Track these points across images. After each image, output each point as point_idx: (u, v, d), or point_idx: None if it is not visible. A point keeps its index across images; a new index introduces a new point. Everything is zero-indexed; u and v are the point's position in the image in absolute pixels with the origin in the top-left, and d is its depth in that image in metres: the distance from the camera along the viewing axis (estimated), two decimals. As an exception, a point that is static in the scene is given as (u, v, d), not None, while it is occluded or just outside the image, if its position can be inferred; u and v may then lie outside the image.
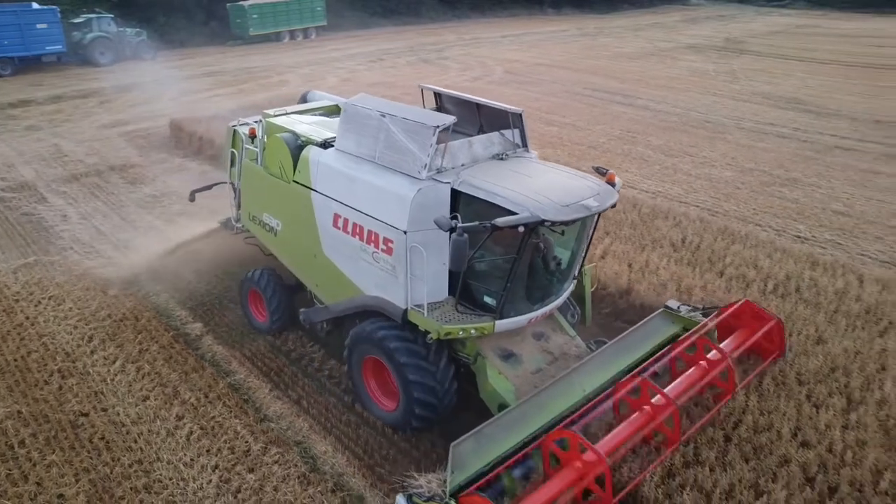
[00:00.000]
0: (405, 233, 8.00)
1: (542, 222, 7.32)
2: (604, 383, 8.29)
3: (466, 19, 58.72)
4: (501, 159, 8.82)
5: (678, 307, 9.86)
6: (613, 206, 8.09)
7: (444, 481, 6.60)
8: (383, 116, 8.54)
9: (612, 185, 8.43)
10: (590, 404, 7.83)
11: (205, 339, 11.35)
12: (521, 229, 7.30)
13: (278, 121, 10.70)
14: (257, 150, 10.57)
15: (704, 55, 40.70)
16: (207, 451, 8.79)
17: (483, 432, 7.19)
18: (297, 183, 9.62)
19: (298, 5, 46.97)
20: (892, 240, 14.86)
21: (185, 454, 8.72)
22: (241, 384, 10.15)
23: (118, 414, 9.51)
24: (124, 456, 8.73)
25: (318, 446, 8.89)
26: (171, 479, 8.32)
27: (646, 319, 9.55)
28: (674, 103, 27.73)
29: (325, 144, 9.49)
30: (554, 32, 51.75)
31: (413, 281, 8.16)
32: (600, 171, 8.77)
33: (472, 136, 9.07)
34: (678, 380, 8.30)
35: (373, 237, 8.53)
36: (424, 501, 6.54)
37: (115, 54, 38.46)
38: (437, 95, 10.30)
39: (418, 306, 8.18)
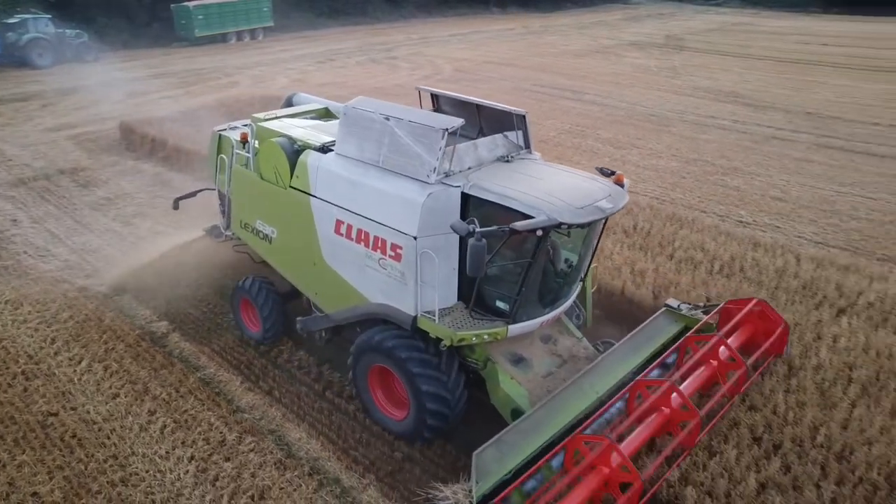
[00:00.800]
0: (415, 238, 7.78)
1: (559, 225, 7.21)
2: (615, 384, 8.26)
3: (414, 19, 58.99)
4: (507, 161, 8.68)
5: (678, 305, 9.91)
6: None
7: (470, 491, 6.49)
8: (387, 119, 8.30)
9: (621, 185, 8.33)
10: (606, 406, 7.74)
11: (171, 336, 11.40)
12: (540, 233, 7.19)
13: (270, 125, 10.35)
14: (249, 155, 10.29)
15: (647, 52, 41.98)
16: (182, 443, 8.91)
17: (503, 439, 7.12)
18: (295, 189, 9.32)
19: (245, 6, 46.46)
20: (825, 223, 15.83)
21: (160, 447, 8.82)
22: (212, 378, 10.27)
23: (88, 412, 9.52)
24: (98, 452, 8.77)
25: (293, 433, 9.12)
26: (147, 472, 8.42)
27: (650, 319, 9.58)
28: (620, 98, 28.64)
29: (324, 149, 9.22)
30: (500, 31, 52.50)
31: (423, 287, 7.96)
32: (605, 173, 8.63)
33: (472, 137, 8.95)
34: (690, 380, 8.26)
35: (379, 243, 8.28)
36: None
37: (55, 56, 37.42)
38: (434, 97, 10.09)
39: (428, 313, 7.99)
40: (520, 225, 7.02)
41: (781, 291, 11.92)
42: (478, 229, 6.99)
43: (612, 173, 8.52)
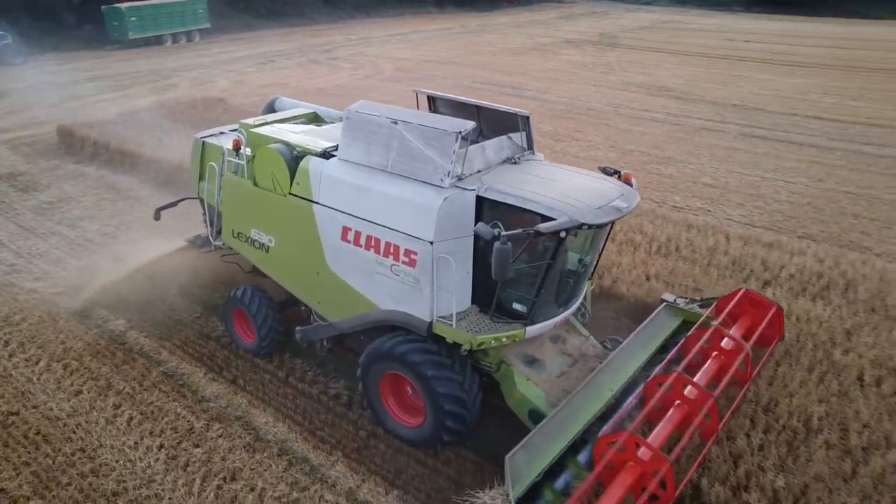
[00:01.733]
0: (432, 243, 7.68)
1: (581, 226, 7.25)
2: (628, 380, 8.38)
3: (352, 20, 59.01)
4: (515, 163, 8.62)
5: (675, 300, 10.07)
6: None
7: (507, 496, 6.53)
8: (395, 123, 8.12)
9: (629, 185, 8.35)
10: (626, 407, 7.77)
11: (130, 333, 11.47)
12: (563, 234, 7.21)
13: (263, 131, 10.00)
14: (242, 162, 9.87)
15: (582, 49, 43.29)
16: (150, 433, 9.09)
17: (531, 442, 7.17)
18: (295, 196, 9.04)
19: (180, 7, 45.68)
20: (751, 205, 16.97)
21: (127, 438, 8.98)
22: (175, 371, 10.44)
23: (51, 409, 9.56)
24: (65, 446, 8.87)
25: (259, 418, 9.41)
26: (117, 462, 8.58)
27: (652, 316, 9.74)
28: (558, 93, 29.60)
29: (326, 154, 8.98)
30: (439, 30, 53.12)
31: (439, 292, 7.89)
32: (608, 172, 8.65)
33: (474, 140, 8.83)
34: (702, 371, 8.38)
35: (391, 249, 8.10)
36: None
37: (-23, 59, 36.06)
38: (431, 99, 9.85)
39: (443, 318, 7.93)
40: (545, 227, 7.03)
41: (713, 268, 12.84)
42: (504, 233, 6.98)
43: (616, 172, 8.57)
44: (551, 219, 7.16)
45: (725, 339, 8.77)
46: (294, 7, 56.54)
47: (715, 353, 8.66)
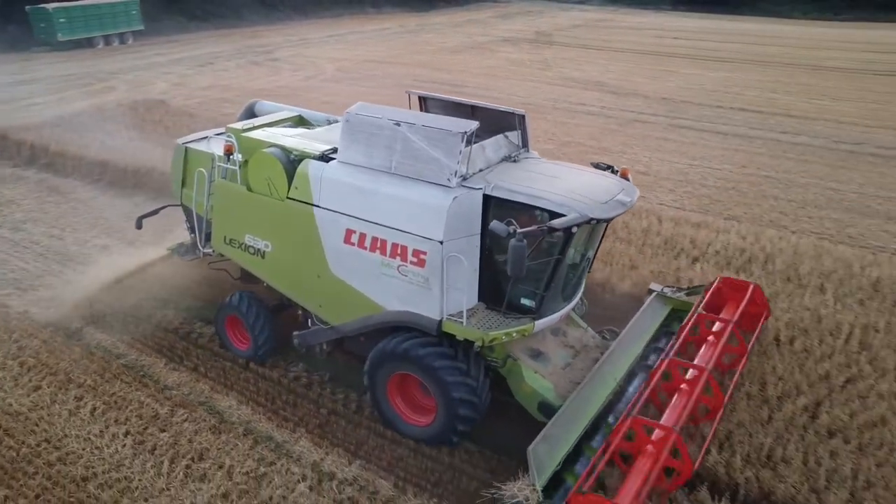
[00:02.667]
0: (441, 243, 7.79)
1: (590, 221, 7.49)
2: (629, 369, 8.82)
3: (290, 21, 58.67)
4: (514, 161, 8.79)
5: (662, 289, 10.52)
6: None
7: (533, 487, 6.78)
8: (398, 125, 8.18)
9: (626, 179, 8.60)
10: (638, 394, 8.08)
11: (86, 329, 11.58)
12: (575, 230, 7.43)
13: (256, 135, 9.89)
14: (235, 168, 9.74)
15: (519, 47, 44.37)
16: (116, 421, 9.33)
17: (549, 434, 7.43)
18: (294, 200, 9.02)
19: (111, 9, 44.59)
20: (681, 191, 18.09)
21: (93, 427, 9.20)
22: (135, 363, 10.66)
23: (10, 405, 9.65)
24: (28, 438, 9.02)
25: (222, 402, 9.77)
26: (84, 450, 8.80)
27: (644, 306, 10.15)
28: (497, 89, 30.43)
29: (325, 157, 8.97)
30: (377, 31, 53.40)
31: (449, 291, 7.99)
32: (599, 167, 8.90)
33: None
34: (699, 355, 8.84)
35: (398, 250, 8.16)
36: None
37: None
38: (423, 100, 9.88)
39: (452, 316, 8.06)
40: (558, 223, 7.21)
41: (647, 247, 13.79)
42: (519, 230, 7.10)
43: (609, 167, 8.83)
44: (560, 215, 7.35)
45: (717, 324, 9.27)
46: (230, 8, 55.85)
47: (710, 336, 9.15)
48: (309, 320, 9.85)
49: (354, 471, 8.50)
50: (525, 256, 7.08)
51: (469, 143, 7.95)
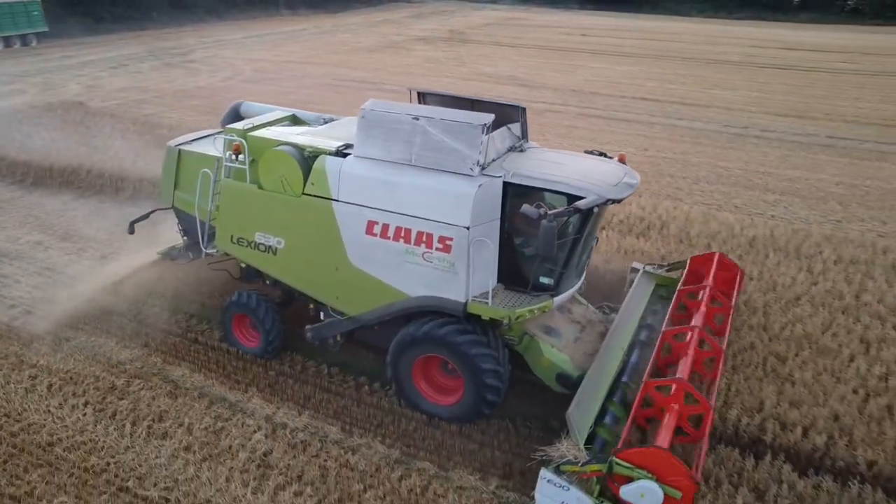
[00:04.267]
0: (468, 228, 8.24)
1: (608, 201, 8.15)
2: (631, 339, 9.44)
3: (203, 23, 57.91)
4: (521, 151, 9.32)
5: (644, 267, 11.25)
6: None
7: (577, 446, 7.27)
8: (416, 119, 8.60)
9: (624, 164, 9.19)
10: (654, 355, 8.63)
11: (25, 318, 11.94)
12: (596, 210, 8.08)
13: (264, 134, 10.10)
14: (245, 167, 9.82)
15: (433, 45, 45.71)
16: (73, 394, 9.89)
17: (580, 400, 8.08)
18: (310, 195, 9.27)
19: (10, 9, 42.89)
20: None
21: (51, 401, 9.74)
22: (85, 344, 11.16)
23: (-37, 389, 10.03)
24: (-14, 416, 9.47)
25: (175, 372, 10.51)
26: (46, 420, 9.35)
27: (634, 283, 10.87)
28: (415, 86, 31.46)
29: (340, 153, 9.27)
30: (293, 31, 53.58)
31: (474, 274, 8.46)
32: (592, 153, 9.58)
33: None
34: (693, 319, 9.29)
35: (423, 238, 8.55)
36: (581, 466, 6.96)
37: None
38: (421, 95, 10.21)
39: (476, 298, 8.54)
40: (582, 203, 7.75)
41: (558, 220, 15.20)
42: (550, 212, 7.56)
43: (601, 154, 9.53)
44: (580, 198, 7.91)
45: (700, 293, 9.96)
46: (139, 10, 54.68)
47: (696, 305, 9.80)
48: (321, 314, 10.19)
49: (305, 420, 9.46)
50: (555, 236, 7.58)
51: (488, 134, 8.49)
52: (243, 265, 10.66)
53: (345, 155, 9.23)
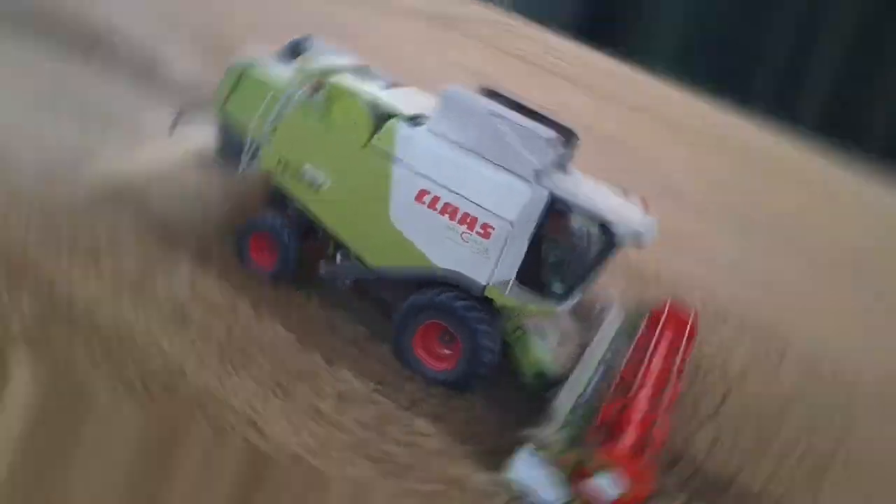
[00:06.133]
0: (512, 224, 8.93)
1: (636, 242, 9.04)
2: (602, 357, 9.89)
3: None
4: (565, 171, 9.94)
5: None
6: None
7: (556, 429, 7.76)
8: (493, 115, 9.20)
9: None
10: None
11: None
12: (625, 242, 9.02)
13: (344, 82, 10.34)
14: (320, 101, 10.09)
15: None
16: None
17: (561, 395, 8.60)
18: (374, 148, 9.66)
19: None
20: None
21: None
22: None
23: None
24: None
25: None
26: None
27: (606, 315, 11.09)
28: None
29: (414, 121, 9.74)
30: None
31: (502, 263, 9.09)
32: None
33: None
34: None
35: (468, 219, 9.11)
36: (559, 452, 7.39)
37: None
38: (487, 91, 10.50)
39: (496, 284, 9.17)
40: (619, 232, 8.78)
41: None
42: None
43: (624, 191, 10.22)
44: (611, 227, 8.81)
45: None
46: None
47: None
48: (339, 255, 10.48)
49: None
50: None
51: (552, 147, 9.22)
52: (274, 189, 10.92)
53: (418, 124, 9.72)
